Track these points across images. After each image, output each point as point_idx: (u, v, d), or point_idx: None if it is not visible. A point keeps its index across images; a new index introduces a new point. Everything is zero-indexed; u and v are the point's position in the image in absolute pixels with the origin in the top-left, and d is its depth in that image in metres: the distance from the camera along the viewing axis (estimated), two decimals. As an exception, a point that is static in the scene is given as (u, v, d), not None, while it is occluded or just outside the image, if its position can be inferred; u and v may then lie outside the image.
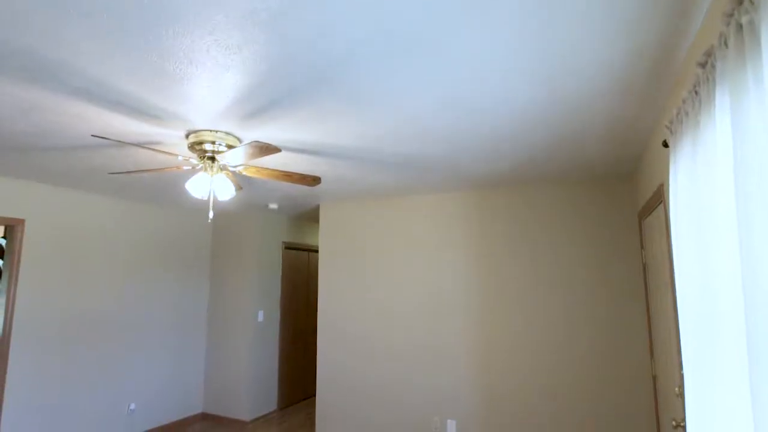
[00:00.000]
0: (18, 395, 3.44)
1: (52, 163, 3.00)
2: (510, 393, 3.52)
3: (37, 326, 3.59)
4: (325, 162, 2.95)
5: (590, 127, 2.31)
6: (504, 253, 3.69)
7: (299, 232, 5.77)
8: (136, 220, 4.44)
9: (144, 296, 4.46)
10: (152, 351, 4.51)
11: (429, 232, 4.03)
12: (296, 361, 5.56)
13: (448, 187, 3.79)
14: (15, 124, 2.27)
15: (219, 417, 4.85)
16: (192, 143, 2.38)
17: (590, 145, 2.61)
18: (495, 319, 3.65)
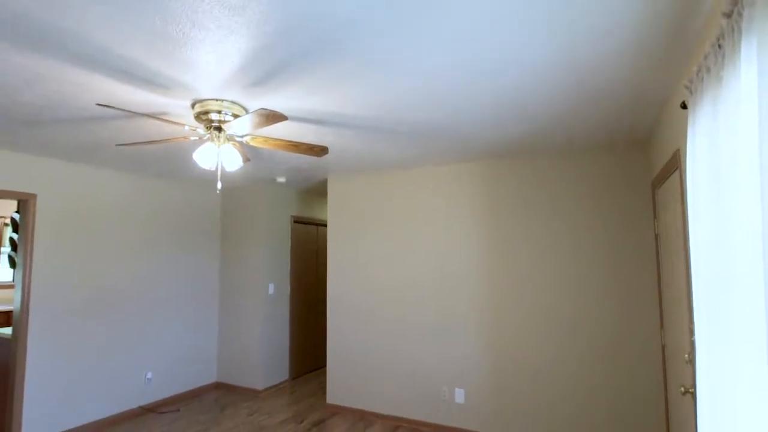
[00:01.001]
0: (39, 365, 3.56)
1: (59, 136, 3.00)
2: (519, 362, 3.55)
3: (54, 298, 3.68)
4: (332, 132, 2.92)
5: (604, 90, 2.24)
6: (513, 224, 3.66)
7: (307, 206, 5.78)
8: (148, 195, 4.47)
9: (157, 269, 4.53)
10: (167, 322, 4.61)
11: (437, 204, 4.01)
12: (306, 332, 5.66)
13: (456, 158, 3.74)
14: (21, 94, 2.26)
15: (232, 386, 4.99)
16: (198, 113, 2.36)
17: (603, 110, 2.53)
18: (504, 290, 3.66)
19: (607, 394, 3.24)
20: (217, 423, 3.99)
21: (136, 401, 4.26)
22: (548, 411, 3.41)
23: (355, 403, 4.24)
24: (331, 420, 4.08)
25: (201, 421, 4.05)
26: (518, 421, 3.50)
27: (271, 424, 3.96)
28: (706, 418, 1.46)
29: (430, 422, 3.85)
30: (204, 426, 3.93)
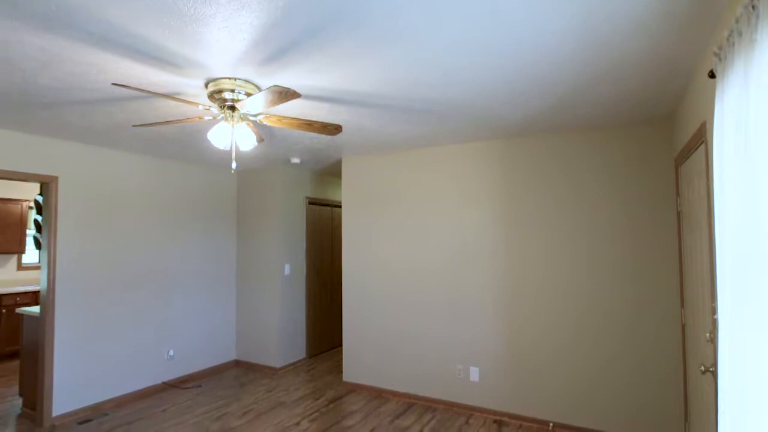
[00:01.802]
0: (66, 342, 3.69)
1: (77, 118, 3.04)
2: (534, 340, 3.54)
3: (78, 278, 3.79)
4: (346, 110, 2.89)
5: (627, 61, 2.16)
6: (529, 202, 3.61)
7: (322, 187, 5.79)
8: (166, 177, 4.53)
9: (177, 250, 4.62)
10: (187, 302, 4.72)
11: (452, 183, 3.96)
12: (322, 312, 5.74)
13: (471, 136, 3.68)
14: (38, 77, 2.29)
15: (251, 364, 5.11)
16: (211, 92, 2.35)
17: (626, 82, 2.45)
18: (519, 268, 3.63)
19: (624, 374, 3.22)
20: (237, 399, 4.11)
21: (159, 377, 4.40)
22: (564, 389, 3.41)
23: (371, 381, 4.31)
24: (347, 397, 4.16)
25: (222, 396, 4.18)
26: (533, 400, 3.52)
27: (289, 401, 4.05)
28: (727, 397, 1.44)
29: (445, 400, 3.89)
30: (225, 401, 4.04)
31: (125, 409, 3.89)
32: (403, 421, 3.60)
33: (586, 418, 3.32)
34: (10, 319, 5.50)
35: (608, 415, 3.25)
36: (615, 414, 3.23)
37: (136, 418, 3.69)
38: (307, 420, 3.62)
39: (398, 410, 3.83)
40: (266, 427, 3.49)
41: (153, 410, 3.85)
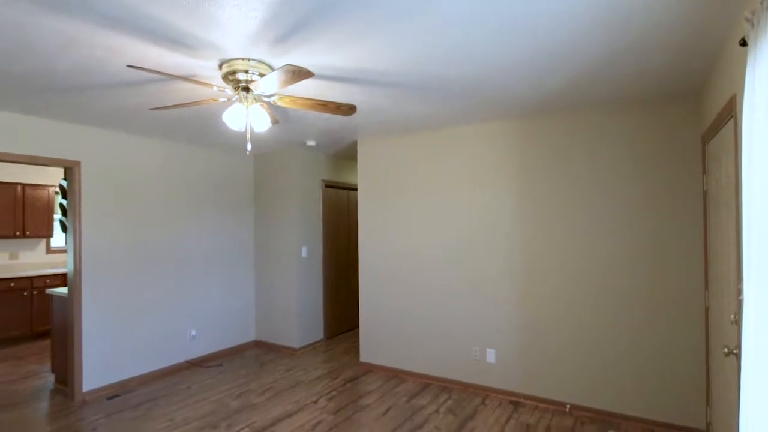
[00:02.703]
0: (93, 321, 3.83)
1: (95, 102, 3.08)
2: (552, 321, 3.51)
3: (103, 260, 3.90)
4: (361, 90, 2.85)
5: (652, 31, 2.06)
6: (548, 183, 3.53)
7: (338, 170, 5.79)
8: (185, 160, 4.59)
9: (196, 233, 4.71)
10: (207, 284, 4.82)
11: (468, 164, 3.91)
12: (339, 294, 5.80)
13: (488, 116, 3.60)
14: (57, 61, 2.32)
15: (271, 344, 5.22)
16: (225, 73, 2.35)
17: (650, 56, 2.34)
18: (537, 250, 3.58)
19: (644, 356, 3.17)
20: (258, 377, 4.21)
21: (182, 356, 4.54)
22: (581, 371, 3.39)
23: (388, 362, 4.36)
24: (364, 377, 4.22)
25: (242, 375, 4.29)
26: (550, 381, 3.51)
27: (307, 380, 4.14)
28: (750, 379, 1.40)
29: (461, 381, 3.91)
30: (246, 380, 4.15)
31: (150, 386, 4.04)
32: (419, 400, 3.64)
33: (604, 400, 3.30)
34: (41, 300, 5.73)
35: (627, 397, 3.22)
36: (634, 396, 3.20)
37: (161, 394, 3.82)
38: (325, 398, 3.69)
39: (414, 390, 3.87)
40: (285, 404, 3.57)
41: (177, 387, 3.98)
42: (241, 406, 3.54)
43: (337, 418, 3.33)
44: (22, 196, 5.76)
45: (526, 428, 3.13)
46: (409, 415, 3.36)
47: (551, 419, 3.28)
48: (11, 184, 5.66)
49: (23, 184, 5.76)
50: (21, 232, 5.74)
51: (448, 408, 3.49)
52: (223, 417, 3.35)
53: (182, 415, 3.40)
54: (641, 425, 3.16)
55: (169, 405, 3.59)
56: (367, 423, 3.24)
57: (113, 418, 3.35)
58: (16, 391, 3.95)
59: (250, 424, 3.23)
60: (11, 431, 3.15)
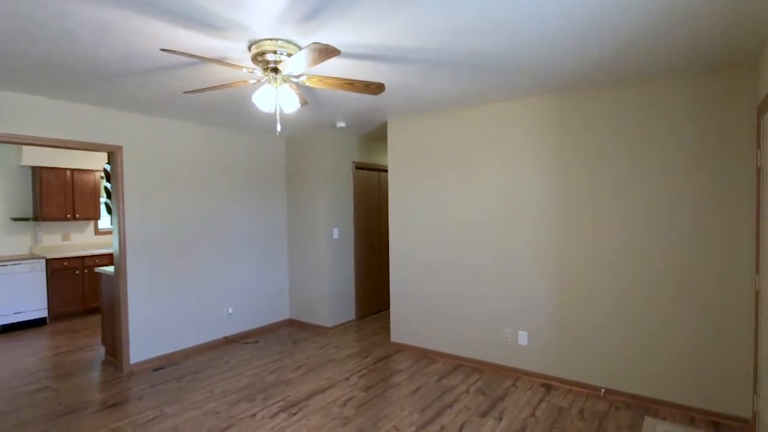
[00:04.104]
0: (138, 298, 4.04)
1: (132, 88, 3.19)
2: (586, 303, 3.42)
3: (145, 241, 4.09)
4: (389, 68, 2.81)
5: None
6: (582, 159, 3.40)
7: (368, 152, 5.78)
8: (219, 144, 4.71)
9: (231, 214, 4.85)
10: (244, 263, 4.98)
11: (501, 143, 3.80)
12: (371, 275, 5.85)
13: (521, 92, 3.48)
14: (97, 48, 2.40)
15: (304, 323, 5.36)
16: (254, 55, 2.36)
17: (701, 22, 2.18)
18: (571, 229, 3.47)
19: (685, 339, 3.04)
20: (291, 354, 4.35)
21: (220, 332, 4.74)
22: (617, 354, 3.29)
23: (418, 342, 4.39)
24: (395, 356, 4.27)
25: (277, 351, 4.44)
26: (584, 364, 3.43)
27: (339, 357, 4.23)
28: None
29: (492, 362, 3.89)
30: (280, 356, 4.30)
31: (192, 359, 4.25)
32: (449, 380, 3.66)
33: (641, 384, 3.20)
34: (91, 278, 6.10)
35: (665, 382, 3.12)
36: (673, 381, 3.09)
37: (202, 367, 4.02)
38: (357, 376, 3.77)
39: (445, 370, 3.89)
40: (318, 380, 3.68)
41: (216, 361, 4.17)
42: (276, 381, 3.67)
43: (368, 394, 3.40)
44: (71, 181, 6.09)
45: (558, 411, 3.10)
46: (439, 395, 3.38)
47: (584, 403, 3.22)
48: (61, 169, 5.99)
49: (72, 169, 6.09)
50: (71, 214, 6.09)
51: (478, 389, 3.49)
52: (259, 390, 3.48)
53: (221, 387, 3.56)
54: (680, 412, 3.05)
55: (209, 378, 3.76)
56: (397, 400, 3.29)
57: (158, 389, 3.55)
58: (71, 361, 4.25)
59: (284, 398, 3.35)
60: (68, 398, 3.40)
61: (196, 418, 3.04)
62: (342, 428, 2.88)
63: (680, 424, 2.88)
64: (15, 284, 5.39)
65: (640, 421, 2.94)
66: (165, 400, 3.34)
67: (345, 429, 2.87)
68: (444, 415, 3.04)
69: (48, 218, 5.86)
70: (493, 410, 3.12)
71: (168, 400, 3.34)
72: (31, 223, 5.97)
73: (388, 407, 3.18)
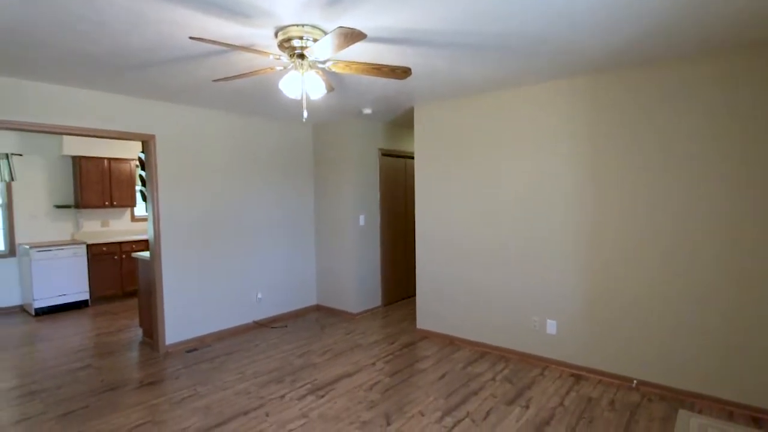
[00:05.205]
0: (172, 282, 4.19)
1: (166, 78, 3.26)
2: (617, 293, 3.32)
3: (179, 226, 4.22)
4: (415, 52, 2.77)
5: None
6: (616, 143, 3.26)
7: (395, 138, 5.75)
8: (247, 132, 4.78)
9: (259, 201, 4.94)
10: (272, 249, 5.08)
11: (529, 128, 3.70)
12: (397, 262, 5.87)
13: (552, 74, 3.36)
14: (130, 38, 2.46)
15: (330, 309, 5.44)
16: (281, 41, 2.37)
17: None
18: (603, 215, 3.36)
19: (725, 329, 2.91)
20: (319, 339, 4.43)
21: (250, 317, 4.87)
22: (651, 346, 3.19)
23: (444, 329, 4.39)
24: (420, 343, 4.29)
25: (305, 336, 4.53)
26: (616, 355, 3.35)
27: (365, 343, 4.28)
28: None
29: (519, 351, 3.85)
30: (308, 340, 4.38)
31: (224, 342, 4.39)
32: (475, 368, 3.65)
33: (676, 376, 3.10)
34: (129, 263, 6.36)
35: (702, 374, 3.00)
36: (711, 374, 2.97)
37: (233, 350, 4.15)
38: (382, 361, 3.81)
39: (471, 358, 3.88)
40: (345, 365, 3.73)
41: (247, 344, 4.30)
42: (304, 365, 3.75)
43: (394, 380, 3.43)
44: (108, 170, 6.33)
45: (588, 401, 3.04)
46: (465, 382, 3.38)
47: (615, 394, 3.15)
48: (99, 159, 6.23)
49: (109, 159, 6.32)
50: (109, 202, 6.34)
51: (504, 377, 3.46)
52: (288, 373, 3.57)
53: (252, 369, 3.67)
54: (718, 406, 2.94)
55: (240, 360, 3.88)
56: (423, 386, 3.30)
57: (192, 369, 3.69)
58: (111, 342, 4.47)
59: (312, 381, 3.42)
60: (109, 376, 3.58)
61: (228, 398, 3.15)
62: (368, 412, 2.92)
63: (717, 419, 2.78)
64: (59, 268, 5.68)
65: (673, 414, 2.86)
66: (198, 379, 3.47)
67: (371, 413, 2.91)
68: (469, 402, 3.04)
69: (88, 205, 6.13)
70: (519, 398, 3.09)
71: (201, 379, 3.47)
72: (72, 210, 6.25)
73: (414, 393, 3.20)
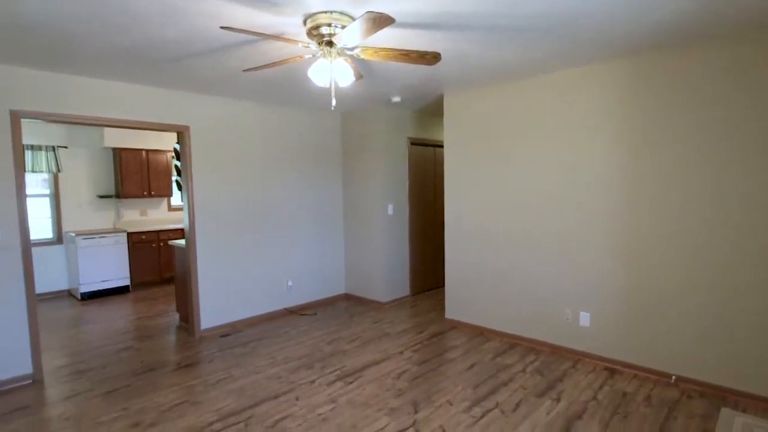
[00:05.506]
0: (206, 269, 4.32)
1: (199, 70, 3.33)
2: (656, 286, 3.19)
3: (212, 216, 4.34)
4: (445, 37, 2.71)
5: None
6: (658, 129, 3.10)
7: (424, 127, 5.69)
8: (277, 122, 4.85)
9: (289, 190, 5.01)
10: (301, 238, 5.16)
11: (565, 114, 3.58)
12: (425, 252, 5.84)
13: (588, 57, 3.22)
14: (164, 30, 2.51)
15: (359, 297, 5.49)
16: (310, 29, 2.37)
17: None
18: (642, 205, 3.21)
19: None
20: (348, 327, 4.48)
21: (280, 304, 4.97)
22: (692, 340, 3.05)
23: (474, 320, 4.34)
24: (449, 333, 4.27)
25: (334, 324, 4.59)
26: (653, 349, 3.23)
27: (393, 332, 4.30)
28: None
29: (551, 343, 3.77)
30: (337, 327, 4.44)
31: (255, 328, 4.51)
32: (504, 359, 3.60)
33: (718, 373, 2.96)
34: (166, 250, 6.60)
35: (747, 371, 2.85)
36: (755, 371, 2.81)
37: (265, 335, 4.25)
38: (410, 350, 3.82)
39: (500, 349, 3.83)
40: (373, 352, 3.76)
41: (277, 331, 4.40)
42: (333, 351, 3.80)
43: (422, 368, 3.43)
44: (146, 161, 6.57)
45: (623, 396, 2.95)
46: (494, 372, 3.34)
47: (652, 389, 3.04)
48: (137, 150, 6.47)
49: (147, 150, 6.55)
50: (147, 192, 6.59)
51: (535, 369, 3.40)
52: (317, 359, 3.63)
53: (282, 354, 3.75)
54: (763, 404, 2.79)
55: (271, 345, 3.98)
56: (451, 376, 3.29)
57: (225, 353, 3.81)
58: (151, 326, 4.67)
59: (340, 367, 3.46)
60: (149, 357, 3.75)
61: (260, 381, 3.23)
62: (396, 399, 2.94)
63: (762, 418, 2.64)
64: (102, 255, 5.96)
65: (715, 412, 2.73)
66: (232, 363, 3.59)
67: (399, 400, 2.92)
68: (499, 393, 3.01)
69: (128, 195, 6.39)
70: (550, 391, 3.03)
71: (234, 363, 3.58)
72: (113, 199, 6.54)
73: (442, 382, 3.19)
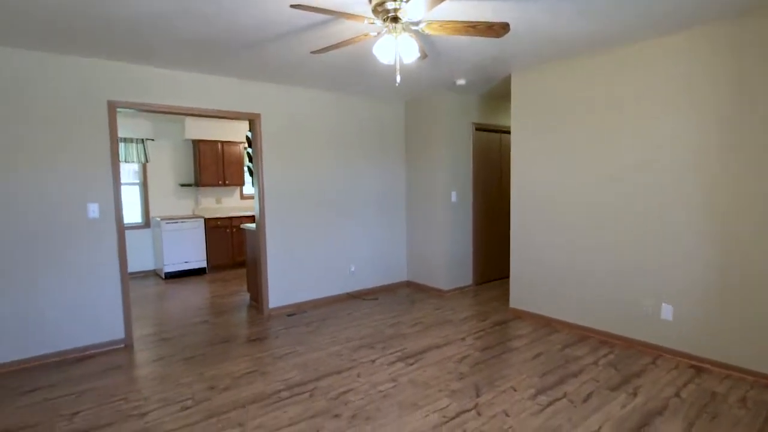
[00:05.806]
0: (274, 252, 4.52)
1: (268, 56, 3.47)
2: (755, 279, 2.84)
3: (280, 201, 4.53)
4: (511, 7, 2.59)
5: None
6: (748, 104, 2.75)
7: (489, 112, 5.52)
8: (342, 110, 4.94)
9: (353, 177, 5.10)
10: (365, 224, 5.24)
11: (647, 91, 3.28)
12: (489, 241, 5.68)
13: (678, 22, 2.93)
14: (237, 17, 2.65)
15: (420, 285, 5.47)
16: (375, 6, 2.37)
17: None
18: (739, 188, 2.87)
19: None
20: (409, 312, 4.48)
21: (343, 288, 5.08)
22: (798, 341, 2.69)
23: (540, 309, 4.16)
24: (513, 322, 4.12)
25: (395, 309, 4.61)
26: (749, 349, 2.88)
27: (455, 319, 4.23)
28: None
29: (626, 336, 3.51)
30: (398, 312, 4.46)
31: (319, 309, 4.65)
32: (574, 350, 3.41)
33: (833, 378, 2.59)
34: (239, 236, 7.01)
35: None
36: None
37: (328, 317, 4.37)
38: (473, 337, 3.74)
39: (569, 340, 3.63)
40: (434, 337, 3.73)
41: (340, 313, 4.50)
42: (394, 334, 3.82)
43: (484, 355, 3.34)
44: (221, 152, 7.00)
45: (711, 396, 2.67)
46: (562, 363, 3.17)
47: (748, 391, 2.72)
48: (214, 142, 6.91)
49: (222, 142, 6.98)
50: (222, 181, 7.03)
51: (608, 362, 3.18)
52: (379, 341, 3.67)
53: (344, 335, 3.84)
54: None
55: (334, 325, 4.08)
56: (515, 364, 3.17)
57: (291, 331, 3.97)
58: (224, 303, 4.99)
59: (401, 349, 3.47)
60: (222, 331, 4.01)
61: (323, 358, 3.33)
62: (457, 382, 2.89)
63: None
64: (183, 239, 6.46)
65: (828, 419, 2.39)
66: (296, 340, 3.73)
67: (460, 383, 2.87)
68: (567, 383, 2.85)
69: (205, 184, 6.86)
70: (626, 385, 2.82)
71: (299, 340, 3.72)
72: (193, 188, 7.05)
73: (505, 369, 3.09)
